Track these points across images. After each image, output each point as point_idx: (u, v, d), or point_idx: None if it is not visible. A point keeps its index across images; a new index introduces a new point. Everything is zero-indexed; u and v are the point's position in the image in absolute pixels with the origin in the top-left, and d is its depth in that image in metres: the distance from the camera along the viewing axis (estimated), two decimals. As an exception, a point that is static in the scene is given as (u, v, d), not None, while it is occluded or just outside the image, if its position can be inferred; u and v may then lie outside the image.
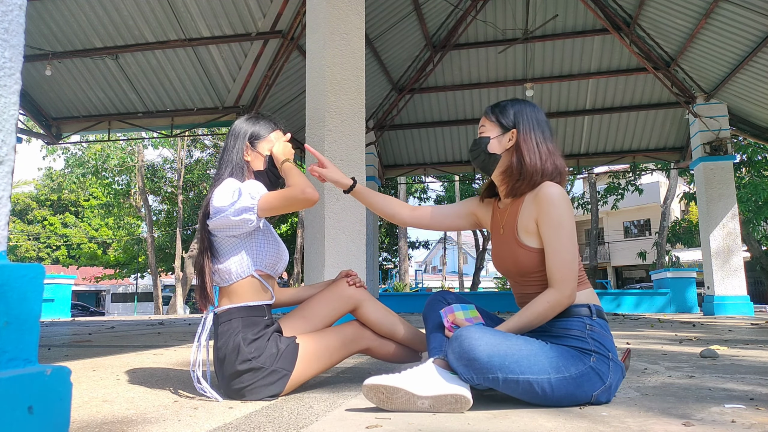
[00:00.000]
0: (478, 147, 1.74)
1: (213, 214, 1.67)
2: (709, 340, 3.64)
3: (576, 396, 1.49)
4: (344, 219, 4.20)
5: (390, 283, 26.87)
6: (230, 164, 1.77)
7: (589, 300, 1.60)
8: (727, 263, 8.85)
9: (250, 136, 1.81)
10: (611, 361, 1.52)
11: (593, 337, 1.54)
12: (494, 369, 1.43)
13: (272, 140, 1.84)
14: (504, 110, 1.72)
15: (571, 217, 1.60)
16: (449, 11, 9.57)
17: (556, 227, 1.56)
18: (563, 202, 1.57)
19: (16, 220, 30.48)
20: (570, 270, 1.55)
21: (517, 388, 1.44)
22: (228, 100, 9.17)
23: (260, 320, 1.67)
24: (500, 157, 1.71)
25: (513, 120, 1.70)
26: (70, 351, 3.26)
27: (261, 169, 1.82)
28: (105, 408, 1.56)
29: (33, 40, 8.39)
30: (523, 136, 1.67)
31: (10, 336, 0.87)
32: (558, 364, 1.48)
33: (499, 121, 1.72)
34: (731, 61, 8.36)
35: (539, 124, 1.70)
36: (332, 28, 4.39)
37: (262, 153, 1.82)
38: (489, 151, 1.71)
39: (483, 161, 1.74)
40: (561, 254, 1.55)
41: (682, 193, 17.93)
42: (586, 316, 1.57)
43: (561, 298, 1.55)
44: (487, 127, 1.74)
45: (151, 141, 20.34)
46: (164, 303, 26.37)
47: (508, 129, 1.70)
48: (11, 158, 0.92)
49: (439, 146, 12.10)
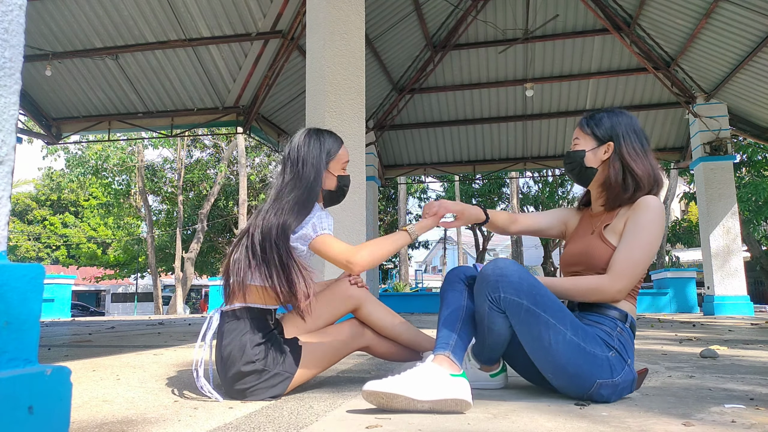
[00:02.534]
0: (573, 161, 1.73)
1: (298, 229, 1.65)
2: (709, 340, 3.64)
3: (580, 369, 1.48)
4: (344, 219, 4.19)
5: (390, 283, 26.86)
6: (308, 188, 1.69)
7: (630, 311, 1.61)
8: (727, 263, 8.85)
9: (327, 154, 1.76)
10: (627, 366, 1.53)
11: (620, 339, 1.55)
12: (522, 292, 1.47)
13: (342, 158, 1.80)
14: (600, 122, 1.70)
15: (659, 229, 1.58)
16: (449, 11, 9.56)
17: (640, 229, 1.57)
18: (657, 213, 1.58)
19: (16, 220, 30.48)
20: (632, 269, 1.55)
21: (532, 326, 1.46)
22: (228, 100, 9.17)
23: (267, 323, 1.68)
24: (597, 170, 1.70)
25: (610, 132, 1.68)
26: (70, 351, 3.26)
27: (332, 189, 1.80)
28: (105, 408, 1.56)
29: (33, 40, 8.39)
30: (622, 147, 1.66)
31: (10, 336, 0.87)
32: (578, 332, 1.50)
33: (595, 133, 1.70)
34: (731, 61, 8.35)
35: (637, 135, 1.68)
36: (332, 28, 4.39)
37: (335, 173, 1.79)
38: (585, 165, 1.71)
39: (578, 174, 1.73)
40: (632, 251, 1.56)
41: (682, 193, 17.94)
42: (620, 320, 1.58)
43: (609, 288, 1.56)
44: (581, 139, 1.73)
45: (151, 141, 20.34)
46: (164, 303, 26.40)
47: (604, 141, 1.69)
48: (11, 158, 0.92)
49: (439, 146, 12.10)
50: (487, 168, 12.50)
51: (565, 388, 1.55)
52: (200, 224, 20.45)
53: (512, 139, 11.85)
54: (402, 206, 22.96)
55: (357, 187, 4.29)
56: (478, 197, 22.54)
